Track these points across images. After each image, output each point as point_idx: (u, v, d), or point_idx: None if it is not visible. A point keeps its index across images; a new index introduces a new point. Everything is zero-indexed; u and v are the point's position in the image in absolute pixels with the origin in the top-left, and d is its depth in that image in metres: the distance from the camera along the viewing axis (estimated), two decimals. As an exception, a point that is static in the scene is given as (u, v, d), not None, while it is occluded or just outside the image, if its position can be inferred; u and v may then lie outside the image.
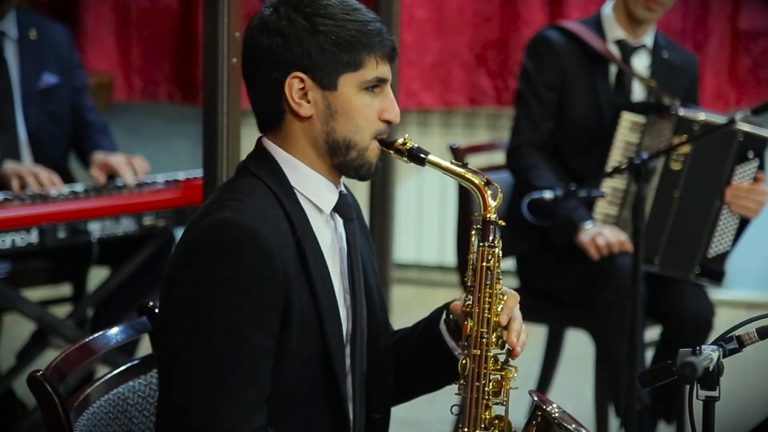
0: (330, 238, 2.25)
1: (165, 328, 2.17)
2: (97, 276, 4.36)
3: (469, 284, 2.23)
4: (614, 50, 4.09)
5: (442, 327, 2.31)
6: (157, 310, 2.35)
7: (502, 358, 2.24)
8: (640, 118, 3.98)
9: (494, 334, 2.21)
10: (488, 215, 2.23)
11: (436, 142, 6.31)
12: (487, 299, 2.22)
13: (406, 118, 6.32)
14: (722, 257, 4.01)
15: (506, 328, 2.22)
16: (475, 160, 4.36)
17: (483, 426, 2.22)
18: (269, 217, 2.15)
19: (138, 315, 2.43)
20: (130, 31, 6.34)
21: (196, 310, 2.09)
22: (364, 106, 2.21)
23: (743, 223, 4.02)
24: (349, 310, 2.26)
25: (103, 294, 4.15)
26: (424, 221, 6.43)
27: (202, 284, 2.09)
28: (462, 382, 2.22)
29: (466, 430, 2.21)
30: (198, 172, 4.01)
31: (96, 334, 2.33)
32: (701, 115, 3.92)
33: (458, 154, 4.27)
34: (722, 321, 3.84)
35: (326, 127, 2.21)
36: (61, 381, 2.19)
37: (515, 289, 2.32)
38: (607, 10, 4.13)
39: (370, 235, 2.43)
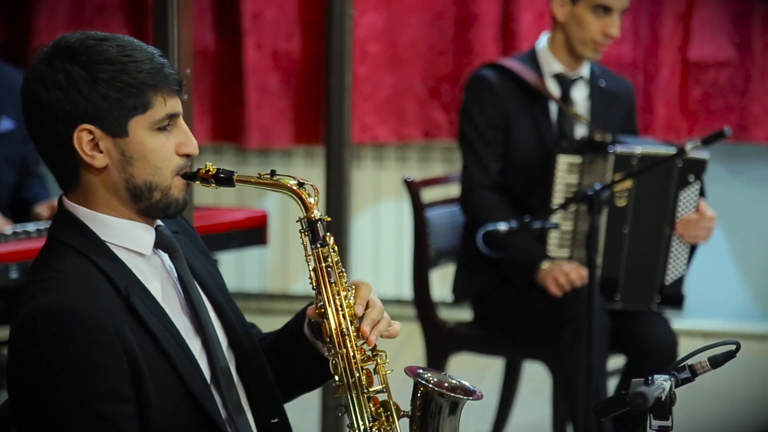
0: (160, 277, 2.20)
1: (19, 423, 2.08)
2: (51, 315, 4.32)
3: (314, 287, 2.22)
4: (552, 84, 4.11)
5: (306, 331, 2.30)
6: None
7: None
8: (576, 159, 3.98)
9: (353, 327, 2.21)
10: (312, 215, 2.21)
11: (391, 176, 6.32)
12: (336, 296, 2.21)
13: (362, 153, 6.33)
14: (679, 282, 4.03)
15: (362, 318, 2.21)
16: (431, 193, 4.38)
17: (371, 418, 2.20)
18: (87, 286, 2.08)
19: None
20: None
21: (44, 402, 2.02)
22: (160, 146, 2.15)
23: (694, 245, 4.05)
24: (199, 339, 2.21)
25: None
26: (381, 255, 6.42)
27: (41, 376, 2.02)
28: (337, 381, 2.21)
29: (354, 428, 2.20)
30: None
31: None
32: (638, 149, 3.92)
33: (413, 188, 4.27)
34: (679, 350, 3.86)
35: (124, 174, 2.14)
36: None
37: (469, 323, 2.31)
38: (542, 44, 4.14)
39: (206, 249, 2.38)
